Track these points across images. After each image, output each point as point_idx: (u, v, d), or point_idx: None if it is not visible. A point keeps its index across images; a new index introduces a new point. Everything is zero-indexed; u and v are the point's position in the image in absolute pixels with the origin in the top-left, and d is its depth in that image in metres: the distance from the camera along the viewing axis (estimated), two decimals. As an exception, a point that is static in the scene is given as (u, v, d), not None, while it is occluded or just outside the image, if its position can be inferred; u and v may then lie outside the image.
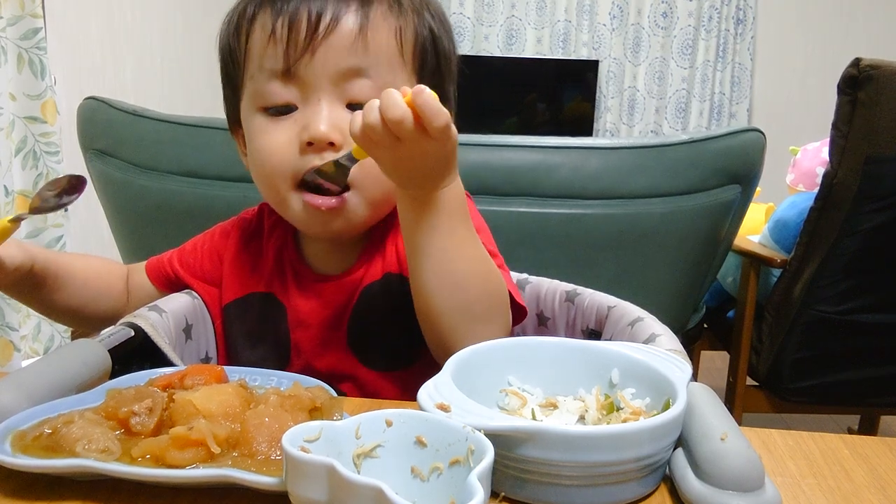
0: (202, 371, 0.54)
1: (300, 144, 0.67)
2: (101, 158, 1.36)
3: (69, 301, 0.78)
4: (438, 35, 0.72)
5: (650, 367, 0.52)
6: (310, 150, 0.67)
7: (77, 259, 0.80)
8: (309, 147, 0.66)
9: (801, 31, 3.99)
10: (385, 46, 0.67)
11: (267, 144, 0.68)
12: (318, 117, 0.66)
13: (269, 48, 0.66)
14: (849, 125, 1.54)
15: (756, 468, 0.42)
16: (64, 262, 0.77)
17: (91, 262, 0.82)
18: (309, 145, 0.66)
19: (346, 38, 0.65)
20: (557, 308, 0.81)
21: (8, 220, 0.66)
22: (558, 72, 4.04)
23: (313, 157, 0.67)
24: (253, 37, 0.68)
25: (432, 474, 0.41)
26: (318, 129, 0.65)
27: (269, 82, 0.67)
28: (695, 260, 1.36)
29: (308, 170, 0.67)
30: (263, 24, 0.67)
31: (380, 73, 0.67)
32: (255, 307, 0.77)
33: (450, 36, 0.74)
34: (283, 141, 0.68)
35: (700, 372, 2.54)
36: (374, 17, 0.66)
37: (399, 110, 0.53)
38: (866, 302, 1.65)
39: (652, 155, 1.28)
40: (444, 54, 0.73)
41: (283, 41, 0.65)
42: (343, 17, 0.65)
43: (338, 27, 0.65)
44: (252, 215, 0.83)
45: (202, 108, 3.06)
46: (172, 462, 0.43)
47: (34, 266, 0.73)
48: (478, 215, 0.76)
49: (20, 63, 1.89)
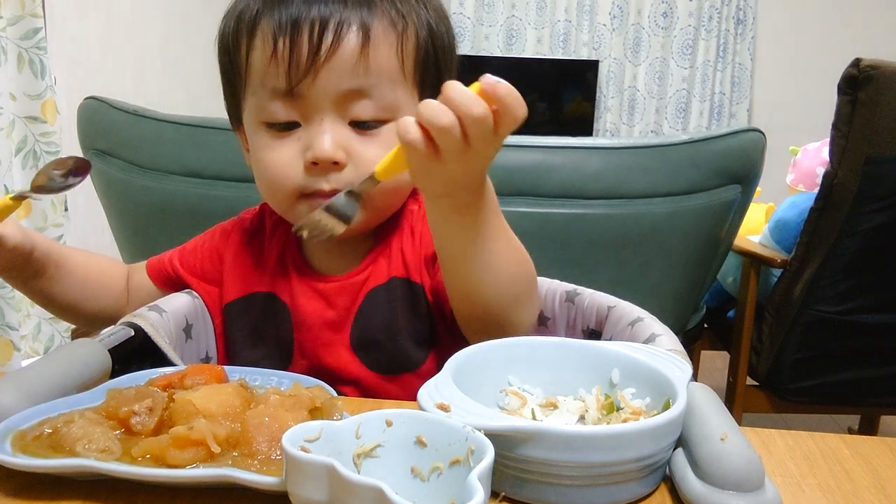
0: (202, 371, 0.54)
1: (304, 163, 0.67)
2: (102, 158, 1.36)
3: (67, 294, 0.77)
4: (438, 32, 0.72)
5: (650, 367, 0.52)
6: (314, 170, 0.67)
7: (79, 254, 0.80)
8: (313, 167, 0.67)
9: (801, 31, 3.99)
10: (386, 65, 0.67)
11: (271, 161, 0.69)
12: (322, 137, 0.66)
13: (272, 67, 0.66)
14: (849, 125, 1.54)
15: (756, 468, 0.42)
16: (65, 254, 0.77)
17: (93, 258, 0.82)
18: (313, 164, 0.67)
19: (348, 60, 0.65)
20: (557, 308, 0.81)
21: (10, 198, 0.65)
22: (558, 72, 4.04)
23: (318, 176, 0.68)
24: (254, 53, 0.68)
25: (432, 474, 0.41)
26: (323, 149, 0.66)
27: (272, 101, 0.67)
28: (695, 260, 1.36)
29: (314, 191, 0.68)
30: (265, 39, 0.66)
31: (381, 92, 0.67)
32: (256, 307, 0.77)
33: (448, 27, 0.74)
34: (286, 158, 0.68)
35: (700, 372, 2.54)
36: (374, 33, 0.66)
37: (481, 107, 0.48)
38: (866, 302, 1.65)
39: (652, 155, 1.28)
40: (444, 52, 0.73)
41: (285, 61, 0.65)
42: (345, 35, 0.65)
43: (339, 48, 0.65)
44: (253, 215, 0.83)
45: (202, 108, 3.06)
46: (173, 462, 0.43)
47: (34, 252, 0.72)
48: None
49: (20, 63, 1.89)
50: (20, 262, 0.72)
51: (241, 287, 0.78)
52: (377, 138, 0.68)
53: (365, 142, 0.68)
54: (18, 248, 0.70)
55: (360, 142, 0.68)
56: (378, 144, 0.68)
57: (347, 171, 0.68)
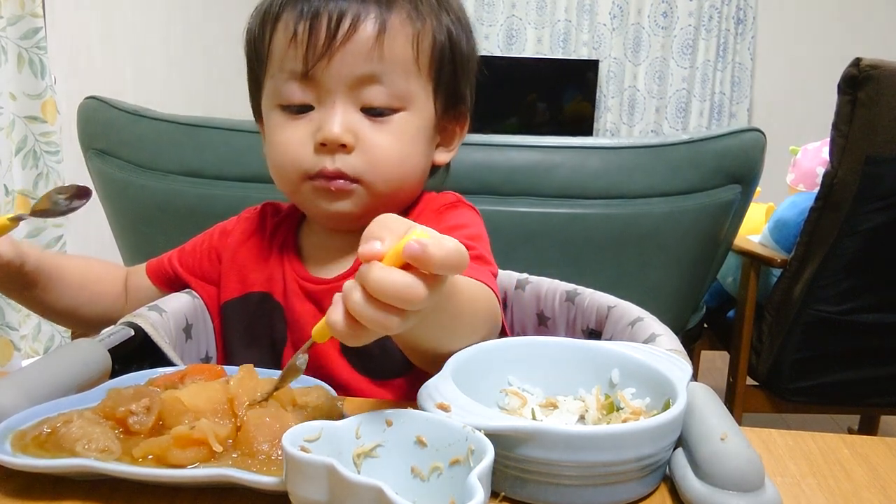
0: (202, 371, 0.54)
1: (314, 144, 0.69)
2: (101, 158, 1.36)
3: (61, 302, 0.78)
4: (457, 38, 0.74)
5: (650, 367, 0.52)
6: (323, 151, 0.69)
7: (74, 261, 0.81)
8: (322, 147, 0.69)
9: (801, 31, 3.99)
10: (401, 55, 0.69)
11: (283, 141, 0.71)
12: (332, 120, 0.68)
13: (290, 50, 0.68)
14: (849, 125, 1.54)
15: (756, 468, 0.42)
16: (58, 265, 0.78)
17: (89, 264, 0.82)
18: (322, 146, 0.69)
19: (363, 46, 0.67)
20: (557, 308, 0.81)
21: (7, 218, 0.68)
22: (558, 72, 4.04)
23: (326, 157, 0.69)
24: (276, 37, 0.70)
25: (432, 474, 0.41)
26: (332, 130, 0.68)
27: (288, 82, 0.70)
28: (695, 260, 1.36)
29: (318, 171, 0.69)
30: (286, 25, 0.69)
31: (395, 80, 0.69)
32: (252, 307, 0.77)
33: (469, 35, 0.76)
34: (298, 139, 0.70)
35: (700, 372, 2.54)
36: (391, 24, 0.68)
37: (411, 294, 0.40)
38: (866, 302, 1.65)
39: (652, 155, 1.28)
40: (461, 56, 0.75)
41: (303, 45, 0.67)
42: (361, 24, 0.67)
43: (356, 34, 0.67)
44: (254, 213, 0.83)
45: (202, 108, 3.06)
46: (174, 461, 0.43)
47: (24, 265, 0.73)
48: (478, 222, 0.76)
49: (20, 63, 1.89)
50: (12, 276, 0.73)
51: (238, 286, 0.78)
52: (387, 126, 0.70)
53: (375, 128, 0.69)
54: (9, 266, 0.72)
55: (370, 128, 0.69)
56: (388, 132, 0.70)
57: (355, 156, 0.69)
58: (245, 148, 1.28)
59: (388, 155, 0.70)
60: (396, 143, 0.70)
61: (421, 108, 0.72)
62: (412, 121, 0.71)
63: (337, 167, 0.69)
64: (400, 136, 0.70)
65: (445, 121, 0.77)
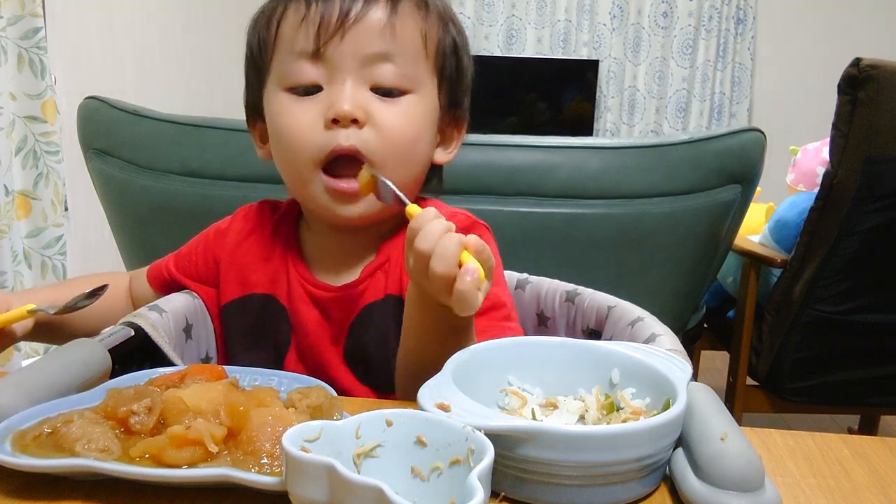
0: (202, 371, 0.54)
1: (325, 122, 0.69)
2: (101, 158, 1.36)
3: (81, 332, 0.79)
4: (460, 48, 0.76)
5: (650, 367, 0.52)
6: (335, 127, 0.68)
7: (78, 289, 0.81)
8: (334, 124, 0.68)
9: (801, 31, 3.99)
10: (410, 39, 0.71)
11: (292, 123, 0.70)
12: (343, 96, 0.68)
13: (301, 30, 0.69)
14: (849, 125, 1.54)
15: (756, 468, 0.42)
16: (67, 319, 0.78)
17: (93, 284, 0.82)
18: (334, 122, 0.68)
19: (376, 24, 0.69)
20: (557, 308, 0.81)
21: (27, 310, 0.70)
22: (558, 72, 4.04)
23: (339, 131, 0.68)
24: (285, 22, 0.71)
25: (432, 474, 0.41)
26: (343, 106, 0.67)
27: (298, 62, 0.70)
28: (695, 260, 1.36)
29: (332, 149, 0.68)
30: (297, 9, 0.70)
31: (405, 61, 0.70)
32: (254, 309, 0.77)
33: (468, 54, 0.78)
34: (307, 120, 0.69)
35: (700, 372, 2.54)
36: (402, 9, 0.70)
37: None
38: (866, 302, 1.65)
39: (652, 155, 1.28)
40: (462, 66, 0.76)
41: (315, 24, 0.68)
42: (373, 5, 0.69)
43: (368, 14, 0.69)
44: (250, 212, 0.82)
45: (202, 108, 3.06)
46: (170, 461, 0.43)
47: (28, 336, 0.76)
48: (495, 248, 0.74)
49: (20, 63, 1.89)
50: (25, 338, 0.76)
51: (239, 288, 0.78)
52: (397, 106, 0.70)
53: (385, 107, 0.70)
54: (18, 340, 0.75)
55: (380, 106, 0.69)
56: (397, 111, 0.70)
57: (367, 131, 0.68)
58: (245, 148, 1.27)
59: (401, 132, 0.70)
60: (407, 121, 0.70)
61: (427, 94, 0.72)
62: (420, 104, 0.71)
63: (351, 143, 0.68)
64: (410, 116, 0.71)
65: (445, 121, 0.77)
